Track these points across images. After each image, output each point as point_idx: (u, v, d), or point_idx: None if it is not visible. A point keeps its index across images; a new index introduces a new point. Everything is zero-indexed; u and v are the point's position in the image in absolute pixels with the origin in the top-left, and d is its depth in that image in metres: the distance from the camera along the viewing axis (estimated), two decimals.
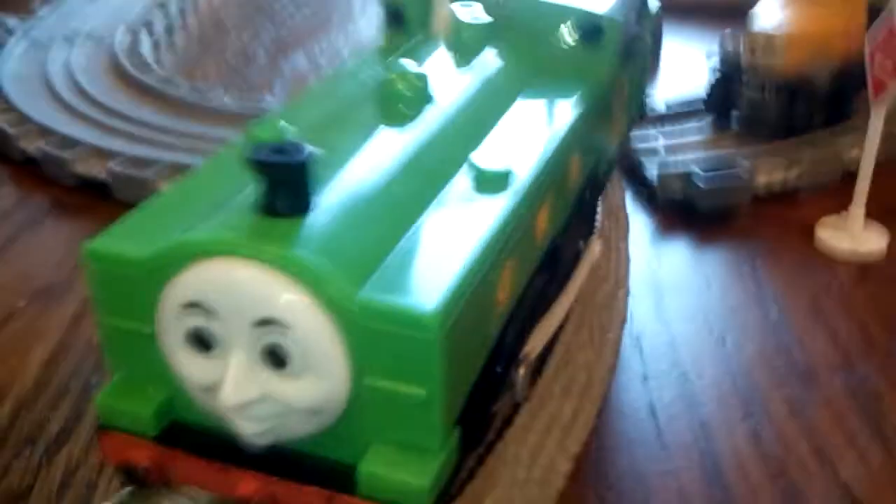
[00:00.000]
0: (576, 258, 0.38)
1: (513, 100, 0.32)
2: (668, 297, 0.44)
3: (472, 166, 0.27)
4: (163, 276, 0.23)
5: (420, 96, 0.30)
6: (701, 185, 0.50)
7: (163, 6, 0.84)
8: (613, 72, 0.36)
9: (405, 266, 0.23)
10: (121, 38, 0.74)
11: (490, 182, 0.27)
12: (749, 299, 0.44)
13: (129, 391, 0.26)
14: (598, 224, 0.43)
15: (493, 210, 0.26)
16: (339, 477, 0.24)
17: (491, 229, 0.25)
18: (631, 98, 0.41)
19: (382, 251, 0.23)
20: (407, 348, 0.22)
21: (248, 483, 0.24)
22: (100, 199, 0.54)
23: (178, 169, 0.53)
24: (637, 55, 0.40)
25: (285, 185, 0.23)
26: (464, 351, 0.24)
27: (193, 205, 0.25)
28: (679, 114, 0.60)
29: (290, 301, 0.22)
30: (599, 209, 0.43)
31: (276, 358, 0.22)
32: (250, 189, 0.24)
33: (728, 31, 0.57)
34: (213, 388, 0.23)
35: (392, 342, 0.22)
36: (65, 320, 0.44)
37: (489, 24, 0.35)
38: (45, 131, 0.59)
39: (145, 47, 0.75)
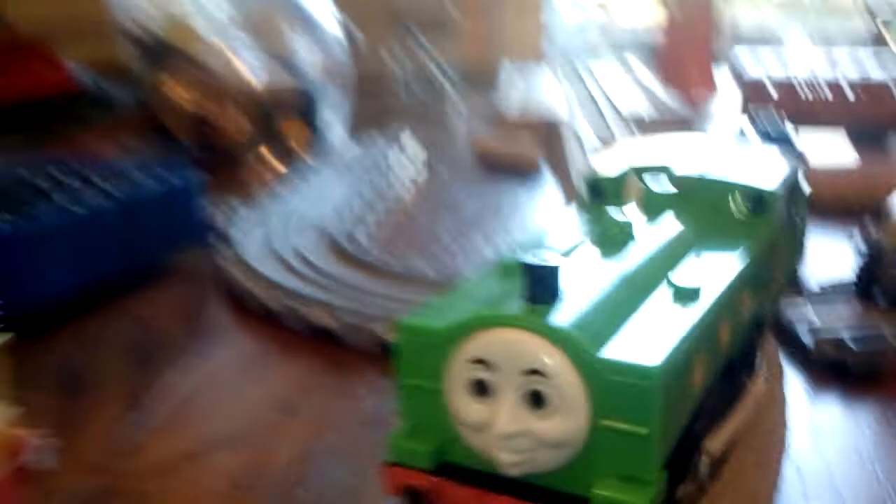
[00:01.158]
0: (742, 390, 0.46)
1: (694, 246, 0.41)
2: (823, 436, 0.50)
3: (671, 284, 0.36)
4: (453, 343, 0.32)
5: (627, 237, 0.39)
6: (852, 348, 0.56)
7: (369, 204, 0.99)
8: (774, 234, 0.45)
9: (629, 340, 0.32)
10: (336, 225, 0.88)
11: (684, 295, 0.36)
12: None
13: (413, 436, 0.34)
14: (759, 368, 0.50)
15: (689, 314, 0.34)
16: (573, 502, 0.31)
17: (690, 325, 0.33)
18: (786, 262, 0.50)
19: (612, 330, 0.32)
20: (634, 396, 0.30)
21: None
22: (327, 343, 0.64)
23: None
24: (791, 226, 0.49)
25: (545, 282, 0.32)
26: (673, 407, 0.32)
27: (468, 299, 0.35)
28: (830, 294, 0.67)
29: (551, 357, 0.31)
30: (760, 358, 0.51)
31: (536, 400, 0.31)
32: (507, 289, 0.33)
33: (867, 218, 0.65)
34: (484, 426, 0.32)
35: (623, 391, 0.30)
36: (307, 429, 0.53)
37: (673, 195, 0.45)
38: (280, 289, 0.71)
39: (356, 232, 0.88)
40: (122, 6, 1.23)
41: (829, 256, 0.74)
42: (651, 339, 0.32)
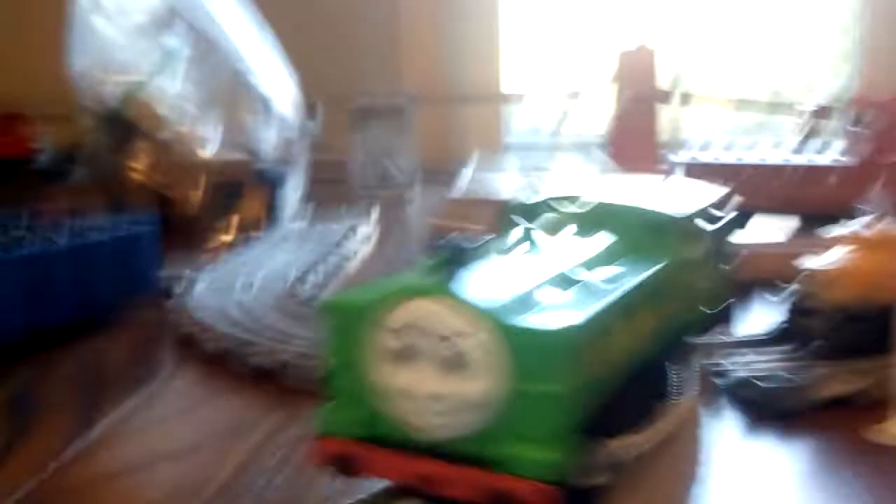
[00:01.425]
0: (661, 408, 0.48)
1: (602, 253, 0.45)
2: (754, 465, 0.52)
3: (581, 275, 0.39)
4: (378, 315, 0.35)
5: (539, 240, 0.43)
6: (772, 388, 0.60)
7: (318, 269, 1.02)
8: (678, 256, 0.48)
9: (544, 312, 0.35)
10: (283, 283, 0.91)
11: (593, 285, 0.39)
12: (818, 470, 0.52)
13: (341, 410, 0.37)
14: (682, 393, 0.53)
15: (596, 298, 0.38)
16: (489, 463, 0.34)
17: (598, 307, 0.37)
18: (705, 295, 0.53)
19: (527, 304, 0.35)
20: (546, 358, 0.33)
21: (426, 466, 0.34)
22: (272, 381, 0.66)
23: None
24: (712, 257, 0.53)
25: (462, 260, 0.35)
26: (586, 375, 0.34)
27: (388, 282, 0.37)
28: (756, 343, 0.70)
29: (470, 322, 0.34)
30: (682, 384, 0.54)
31: (456, 364, 0.34)
32: (426, 274, 0.36)
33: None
34: (407, 392, 0.34)
35: (538, 353, 0.33)
36: (253, 447, 0.55)
37: (581, 215, 0.48)
38: (227, 333, 0.73)
39: (302, 290, 0.91)
40: (84, 80, 1.27)
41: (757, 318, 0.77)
42: (564, 312, 0.35)
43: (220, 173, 1.30)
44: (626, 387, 0.40)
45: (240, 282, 0.93)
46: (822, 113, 1.31)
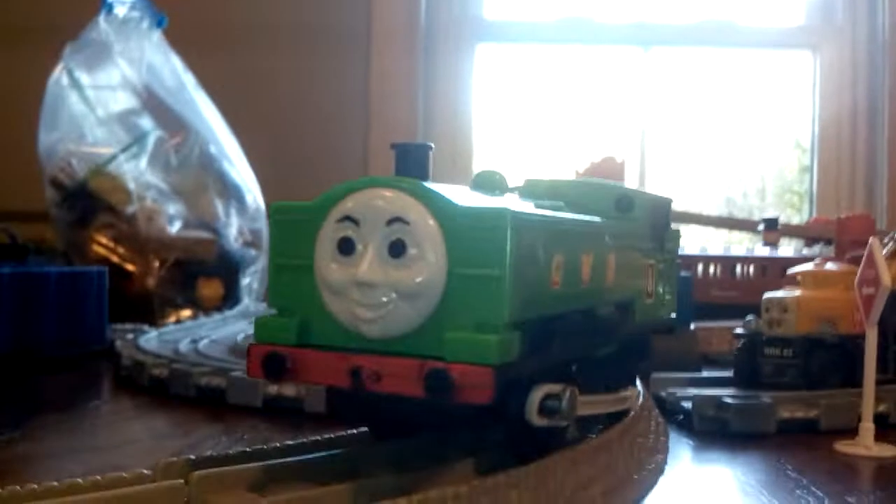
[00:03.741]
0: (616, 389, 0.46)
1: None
2: (707, 481, 0.51)
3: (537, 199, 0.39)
4: (324, 213, 0.34)
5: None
6: (731, 405, 0.58)
7: None
8: (640, 229, 0.48)
9: (492, 203, 0.34)
10: (239, 342, 0.89)
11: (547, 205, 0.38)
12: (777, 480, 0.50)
13: (277, 318, 0.35)
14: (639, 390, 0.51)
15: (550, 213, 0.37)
16: (423, 356, 0.32)
17: (547, 214, 0.36)
18: (663, 285, 0.52)
19: (473, 199, 0.34)
20: (487, 240, 0.32)
21: (359, 360, 0.33)
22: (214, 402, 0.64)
23: None
24: (667, 250, 0.52)
25: (414, 158, 0.35)
26: (525, 271, 0.33)
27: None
28: (703, 382, 0.69)
29: (411, 205, 0.32)
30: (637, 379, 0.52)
31: (397, 252, 0.32)
32: None
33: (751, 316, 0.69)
34: (346, 286, 0.33)
35: (477, 237, 0.32)
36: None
37: (551, 185, 0.47)
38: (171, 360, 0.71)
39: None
40: (52, 153, 1.27)
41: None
42: (510, 205, 0.34)
43: (183, 251, 1.29)
44: (576, 337, 0.39)
45: (186, 339, 0.91)
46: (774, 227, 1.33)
